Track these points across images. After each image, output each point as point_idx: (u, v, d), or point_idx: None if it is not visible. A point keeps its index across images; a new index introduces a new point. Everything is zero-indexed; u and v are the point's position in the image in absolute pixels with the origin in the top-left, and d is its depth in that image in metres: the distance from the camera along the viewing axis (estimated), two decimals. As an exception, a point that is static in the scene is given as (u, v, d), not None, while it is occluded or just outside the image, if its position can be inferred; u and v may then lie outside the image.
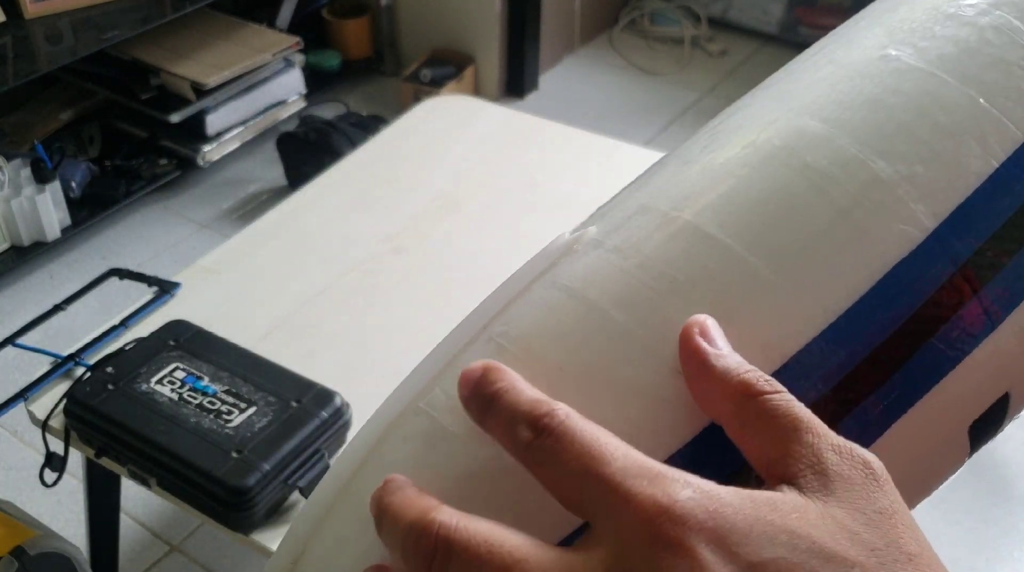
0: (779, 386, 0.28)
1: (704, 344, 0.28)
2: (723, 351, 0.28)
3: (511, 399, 0.28)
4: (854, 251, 0.31)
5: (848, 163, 0.32)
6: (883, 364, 0.30)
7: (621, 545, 0.24)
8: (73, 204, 2.04)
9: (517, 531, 0.26)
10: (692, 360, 0.28)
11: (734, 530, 0.24)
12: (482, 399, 0.28)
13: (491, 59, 2.49)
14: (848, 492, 0.26)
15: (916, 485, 0.33)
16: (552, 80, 2.65)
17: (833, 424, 0.28)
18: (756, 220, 0.31)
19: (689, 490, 0.25)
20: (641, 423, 0.28)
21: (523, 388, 0.28)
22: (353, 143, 1.97)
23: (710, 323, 0.29)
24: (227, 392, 0.97)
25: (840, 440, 0.27)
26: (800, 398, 0.28)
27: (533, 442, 0.27)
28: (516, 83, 2.55)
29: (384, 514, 0.27)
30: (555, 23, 2.62)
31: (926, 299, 0.31)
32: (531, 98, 2.57)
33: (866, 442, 0.30)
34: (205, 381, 0.98)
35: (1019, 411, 0.35)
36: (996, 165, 0.33)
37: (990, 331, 0.32)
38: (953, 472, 0.33)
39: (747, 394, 0.27)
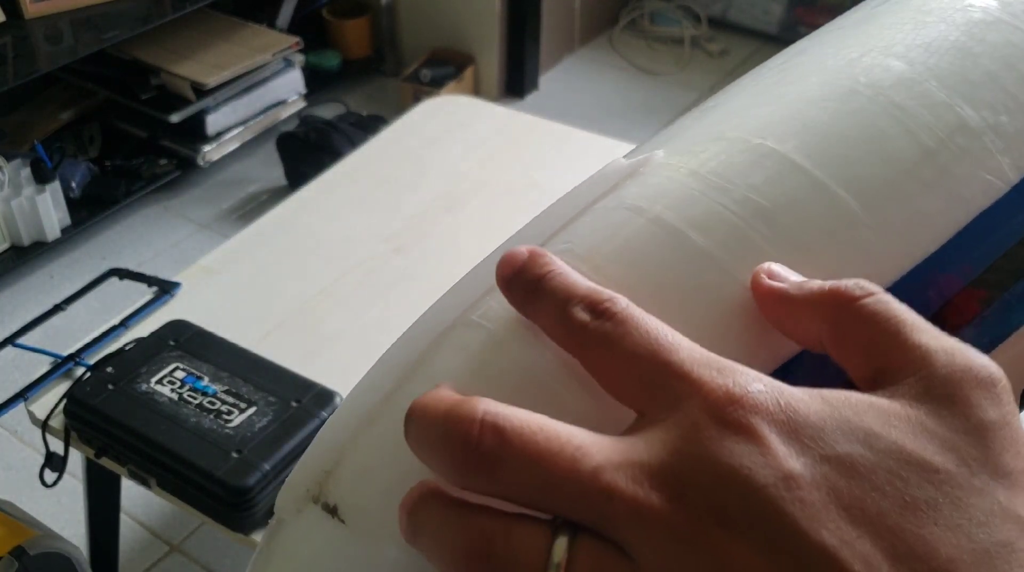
0: (874, 287, 0.25)
1: (778, 283, 0.27)
2: (794, 281, 0.26)
3: (564, 281, 0.26)
4: (940, 195, 0.30)
5: (936, 106, 0.31)
6: (961, 312, 0.29)
7: (687, 428, 0.23)
8: (73, 204, 2.05)
9: (566, 423, 0.24)
10: (770, 300, 0.27)
11: (807, 424, 0.23)
12: (528, 280, 0.26)
13: (491, 59, 2.49)
14: (951, 398, 0.24)
15: None
16: (552, 80, 2.65)
17: None
18: (843, 153, 0.30)
19: (760, 384, 0.23)
20: (719, 350, 0.25)
21: (578, 275, 0.26)
22: (353, 143, 1.97)
23: (776, 267, 0.27)
24: (227, 392, 0.97)
25: (955, 342, 0.25)
26: None
27: (590, 324, 0.25)
28: (516, 83, 2.56)
29: (415, 410, 0.24)
30: (555, 23, 2.63)
31: (1007, 251, 0.30)
32: (531, 98, 2.57)
33: None
34: (205, 381, 0.98)
35: None
36: None
37: None
38: None
39: (840, 303, 0.25)
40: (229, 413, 0.95)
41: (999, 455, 0.23)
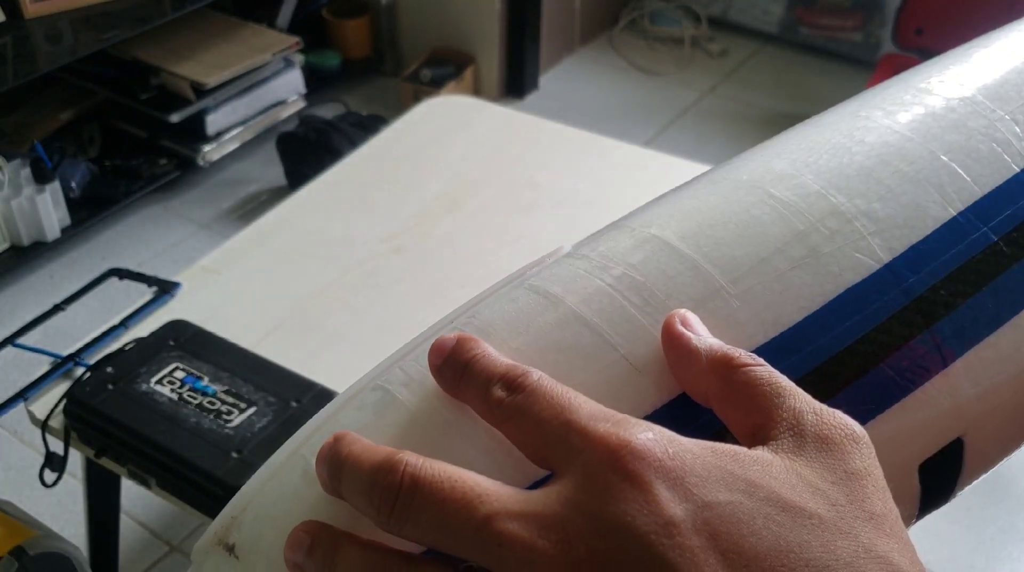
0: (760, 360, 0.28)
1: (686, 331, 0.29)
2: (700, 333, 0.29)
3: (487, 363, 0.29)
4: (808, 270, 0.33)
5: (809, 195, 0.34)
6: (831, 379, 0.31)
7: (579, 480, 0.25)
8: (73, 204, 2.04)
9: (476, 473, 0.26)
10: (675, 345, 0.29)
11: (692, 472, 0.25)
12: (456, 365, 0.29)
13: (491, 59, 2.49)
14: (821, 452, 0.26)
15: None
16: (552, 80, 2.65)
17: None
18: (716, 235, 0.33)
19: (650, 433, 0.25)
20: (606, 394, 0.29)
21: (497, 355, 0.29)
22: (353, 143, 1.97)
23: (690, 315, 0.30)
24: (227, 392, 0.97)
25: (823, 406, 0.27)
26: None
27: (506, 399, 0.27)
28: (516, 83, 2.55)
29: (345, 461, 0.27)
30: (555, 23, 2.63)
31: (877, 325, 0.32)
32: (531, 98, 2.57)
33: None
34: (205, 381, 0.98)
35: (982, 463, 0.35)
36: (954, 213, 0.34)
37: (942, 368, 0.33)
38: (905, 512, 0.33)
39: (730, 366, 0.28)
40: (229, 413, 0.95)
41: (864, 501, 0.25)
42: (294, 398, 0.96)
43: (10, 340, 1.13)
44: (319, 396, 0.96)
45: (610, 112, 2.53)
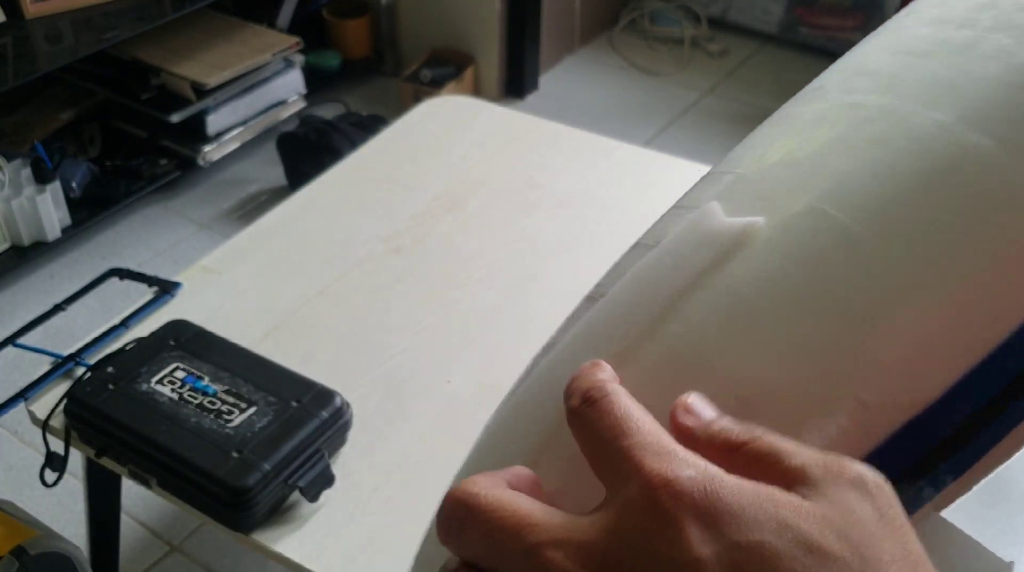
0: (754, 432, 0.29)
1: (689, 420, 0.30)
2: (704, 420, 0.30)
3: (585, 374, 0.31)
4: None
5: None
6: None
7: (621, 510, 0.27)
8: (73, 204, 2.04)
9: (535, 500, 0.28)
10: (681, 436, 0.30)
11: (726, 511, 0.26)
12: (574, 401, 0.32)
13: (491, 59, 2.49)
14: (842, 497, 0.27)
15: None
16: (552, 80, 2.65)
17: None
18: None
19: (692, 470, 0.27)
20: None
21: (602, 370, 0.32)
22: (353, 143, 1.97)
23: (693, 401, 0.31)
24: (227, 392, 0.97)
25: (835, 456, 0.28)
26: None
27: (578, 408, 0.30)
28: (516, 83, 2.55)
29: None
30: (555, 23, 2.63)
31: None
32: (531, 98, 2.57)
33: None
34: (205, 381, 0.98)
35: None
36: None
37: None
38: None
39: (732, 448, 0.29)
40: (229, 413, 0.95)
41: (881, 542, 0.27)
42: (294, 398, 0.96)
43: (10, 340, 1.13)
44: (319, 396, 0.96)
45: (610, 112, 2.53)
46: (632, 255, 0.37)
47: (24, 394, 1.04)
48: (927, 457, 0.31)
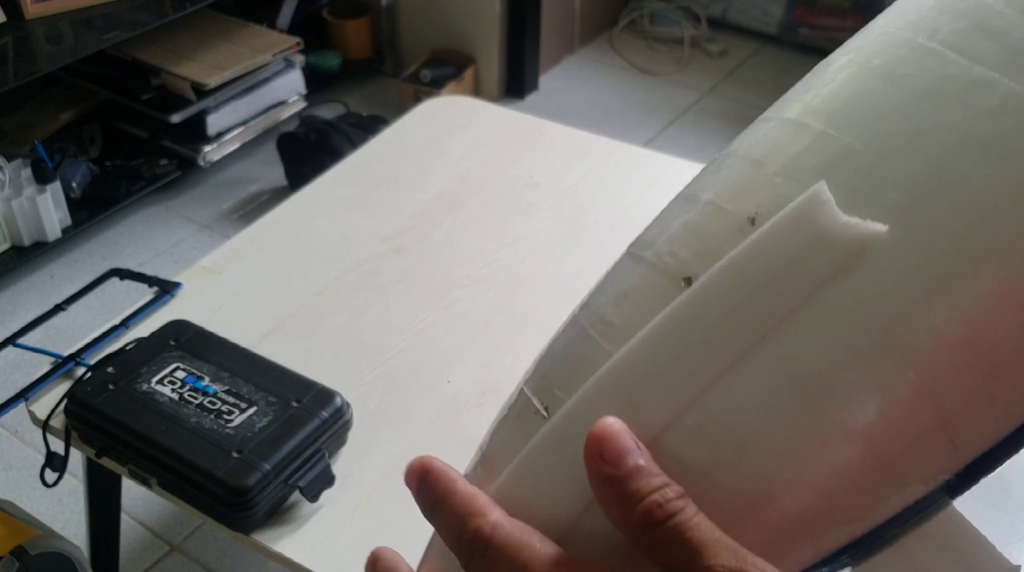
0: (680, 505, 0.28)
1: (607, 468, 0.29)
2: (626, 468, 0.28)
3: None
4: None
5: None
6: None
7: None
8: (74, 204, 2.05)
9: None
10: (600, 487, 0.29)
11: None
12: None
13: (491, 59, 2.49)
14: None
15: None
16: (552, 80, 2.65)
17: None
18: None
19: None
20: None
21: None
22: (353, 143, 1.97)
23: (607, 435, 0.29)
24: (228, 392, 0.97)
25: (753, 559, 0.27)
26: None
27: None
28: (516, 83, 2.56)
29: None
30: (555, 23, 2.63)
31: None
32: (531, 99, 2.57)
33: None
34: (206, 381, 0.98)
35: None
36: None
37: None
38: None
39: (648, 523, 0.28)
40: (229, 413, 0.95)
41: None
42: (294, 398, 0.96)
43: (11, 340, 1.13)
44: (319, 396, 0.96)
45: (610, 112, 2.53)
46: (677, 207, 0.34)
47: (24, 394, 1.04)
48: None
